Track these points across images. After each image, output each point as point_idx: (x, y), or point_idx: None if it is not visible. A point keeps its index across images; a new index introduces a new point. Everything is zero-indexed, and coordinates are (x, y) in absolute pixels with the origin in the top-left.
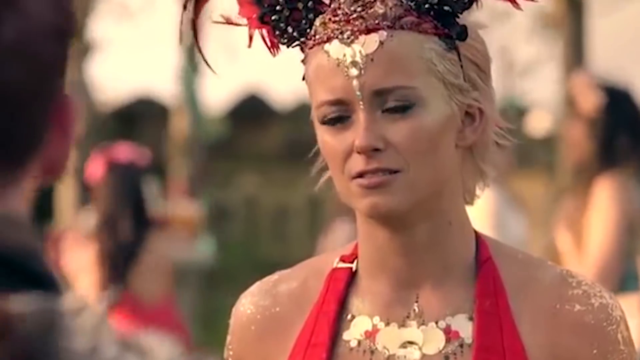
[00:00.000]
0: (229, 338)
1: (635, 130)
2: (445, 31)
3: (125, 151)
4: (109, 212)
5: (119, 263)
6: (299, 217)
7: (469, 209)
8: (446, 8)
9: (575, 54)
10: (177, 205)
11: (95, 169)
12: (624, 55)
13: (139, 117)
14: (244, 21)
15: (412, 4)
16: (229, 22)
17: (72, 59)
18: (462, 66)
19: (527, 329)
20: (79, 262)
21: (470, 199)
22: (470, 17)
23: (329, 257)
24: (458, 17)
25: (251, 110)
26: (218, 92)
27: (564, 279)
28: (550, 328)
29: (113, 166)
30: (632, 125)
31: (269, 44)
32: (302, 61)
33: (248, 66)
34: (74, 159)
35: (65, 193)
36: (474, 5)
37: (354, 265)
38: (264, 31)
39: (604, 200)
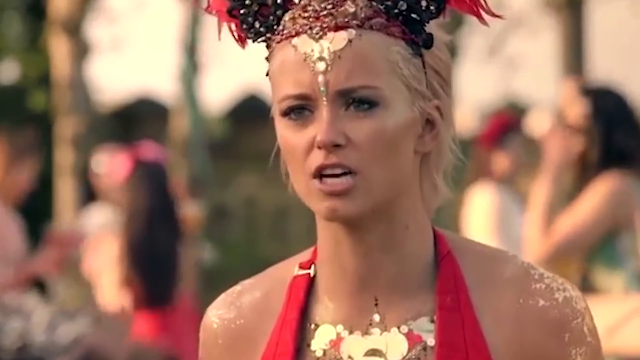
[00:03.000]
0: (199, 352)
1: (631, 129)
2: (412, 37)
3: (151, 150)
4: (141, 209)
5: (160, 265)
6: (299, 217)
7: (471, 210)
8: (414, 16)
9: (575, 54)
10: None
11: (120, 167)
12: (623, 54)
13: (139, 117)
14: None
15: (381, 7)
16: (206, 9)
17: (72, 59)
18: (425, 73)
19: (490, 324)
20: (101, 261)
21: (427, 209)
22: (435, 27)
23: (291, 264)
24: (425, 25)
25: (251, 110)
26: (218, 92)
27: (526, 272)
28: (515, 323)
29: (141, 164)
30: (626, 125)
31: (236, 37)
32: (267, 58)
33: (248, 66)
34: (74, 159)
35: (65, 193)
36: (441, 15)
37: (311, 271)
38: (232, 25)
39: (595, 193)
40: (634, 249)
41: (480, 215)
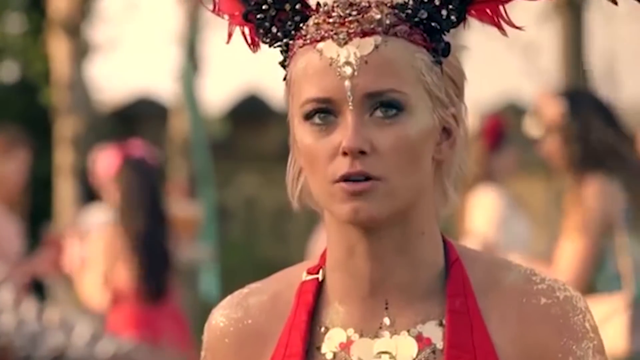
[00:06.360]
0: (202, 353)
1: (608, 129)
2: (432, 45)
3: (138, 147)
4: (131, 203)
5: (150, 262)
6: (299, 217)
7: (474, 209)
8: (434, 24)
9: (574, 53)
10: (176, 206)
11: (108, 165)
12: (622, 53)
13: (139, 117)
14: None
15: (403, 15)
16: (213, 11)
17: (72, 59)
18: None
19: (495, 326)
20: (86, 257)
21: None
22: (452, 36)
23: (298, 270)
24: (444, 34)
25: (251, 110)
26: (218, 92)
27: (528, 277)
28: (518, 322)
29: (129, 160)
30: (604, 124)
31: (249, 41)
32: (281, 63)
33: (248, 66)
34: (74, 159)
35: (65, 193)
36: (461, 25)
37: (320, 275)
38: (246, 29)
39: (585, 208)
40: (615, 250)
41: (483, 213)
